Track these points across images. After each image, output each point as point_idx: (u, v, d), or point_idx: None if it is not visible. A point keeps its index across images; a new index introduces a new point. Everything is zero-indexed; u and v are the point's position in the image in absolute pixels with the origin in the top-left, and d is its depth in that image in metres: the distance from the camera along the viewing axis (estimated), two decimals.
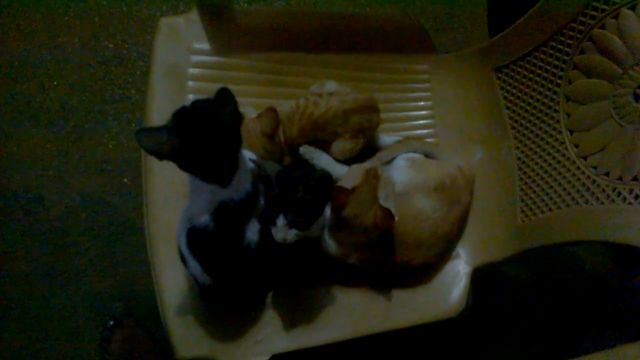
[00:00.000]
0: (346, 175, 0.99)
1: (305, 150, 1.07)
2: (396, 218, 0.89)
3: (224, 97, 0.76)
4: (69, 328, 1.52)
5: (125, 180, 1.66)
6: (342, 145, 1.09)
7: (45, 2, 1.80)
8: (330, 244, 0.97)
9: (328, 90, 1.11)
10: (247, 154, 0.89)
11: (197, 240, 0.86)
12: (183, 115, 0.78)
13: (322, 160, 1.08)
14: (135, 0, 1.85)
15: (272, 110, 1.01)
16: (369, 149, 1.15)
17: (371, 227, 0.91)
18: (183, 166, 0.80)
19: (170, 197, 1.02)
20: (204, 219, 0.85)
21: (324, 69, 1.24)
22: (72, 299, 1.54)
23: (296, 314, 1.01)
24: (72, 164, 1.66)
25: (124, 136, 1.70)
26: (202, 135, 0.77)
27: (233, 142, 0.81)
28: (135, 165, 1.65)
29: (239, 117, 0.80)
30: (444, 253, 1.10)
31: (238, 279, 0.91)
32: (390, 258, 1.00)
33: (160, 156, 0.77)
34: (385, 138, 1.18)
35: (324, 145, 1.10)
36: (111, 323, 1.47)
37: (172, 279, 0.98)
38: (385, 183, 0.94)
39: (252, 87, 1.19)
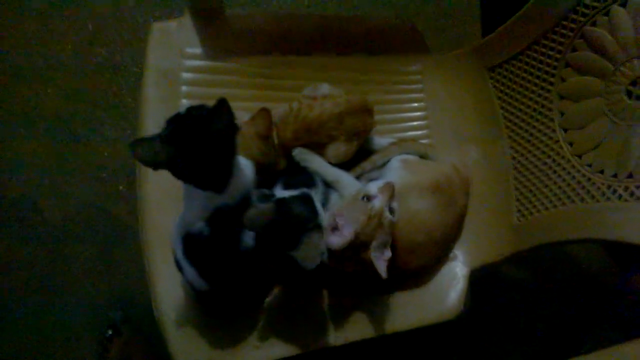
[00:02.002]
0: (347, 208, 0.89)
1: (298, 153, 1.07)
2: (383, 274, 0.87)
3: (221, 107, 0.76)
4: (67, 336, 1.51)
5: (121, 187, 1.66)
6: (336, 149, 1.08)
7: (38, 9, 1.79)
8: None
9: (322, 93, 1.11)
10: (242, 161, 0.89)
11: (193, 246, 0.86)
12: (177, 123, 0.77)
13: (315, 163, 1.07)
14: (129, 7, 1.85)
15: (265, 110, 1.00)
16: (362, 152, 1.14)
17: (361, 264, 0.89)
18: (178, 175, 0.79)
19: (165, 203, 1.01)
20: (199, 225, 0.84)
21: (317, 72, 1.24)
22: (70, 306, 1.54)
23: (294, 319, 1.00)
24: (67, 171, 1.65)
25: (119, 143, 1.70)
26: (197, 143, 0.76)
27: (228, 150, 0.81)
28: (131, 171, 1.64)
29: (234, 128, 0.80)
30: (440, 256, 1.09)
31: (235, 283, 0.90)
32: None
33: (156, 166, 0.76)
34: (379, 140, 1.17)
35: (318, 148, 1.09)
36: (109, 332, 1.47)
37: (168, 285, 0.97)
38: (386, 230, 0.89)
39: (245, 91, 1.18)
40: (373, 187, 0.92)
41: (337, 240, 0.84)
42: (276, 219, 0.80)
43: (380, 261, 0.87)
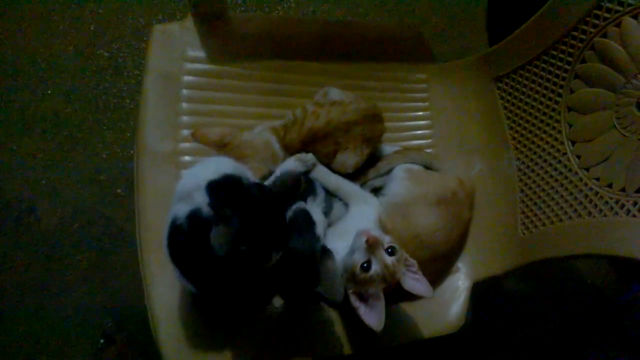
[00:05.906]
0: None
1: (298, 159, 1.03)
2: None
3: None
4: (61, 341, 1.50)
5: (119, 190, 1.64)
6: (345, 159, 1.05)
7: (40, 10, 1.78)
8: None
9: (331, 99, 1.08)
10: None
11: (174, 239, 0.83)
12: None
13: (316, 171, 1.04)
14: (131, 9, 1.84)
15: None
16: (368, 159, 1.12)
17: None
18: None
19: (162, 207, 0.99)
20: (182, 214, 0.80)
21: (322, 78, 1.22)
22: (64, 312, 1.52)
23: (291, 330, 0.98)
24: (65, 174, 1.64)
25: (118, 146, 1.68)
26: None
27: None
28: (129, 175, 1.61)
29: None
30: (444, 270, 1.08)
31: (216, 289, 0.87)
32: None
33: None
34: (386, 148, 1.16)
35: (326, 157, 1.06)
36: (101, 341, 1.45)
37: (164, 291, 0.95)
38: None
39: (248, 96, 1.16)
40: (359, 255, 0.88)
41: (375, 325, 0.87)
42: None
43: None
